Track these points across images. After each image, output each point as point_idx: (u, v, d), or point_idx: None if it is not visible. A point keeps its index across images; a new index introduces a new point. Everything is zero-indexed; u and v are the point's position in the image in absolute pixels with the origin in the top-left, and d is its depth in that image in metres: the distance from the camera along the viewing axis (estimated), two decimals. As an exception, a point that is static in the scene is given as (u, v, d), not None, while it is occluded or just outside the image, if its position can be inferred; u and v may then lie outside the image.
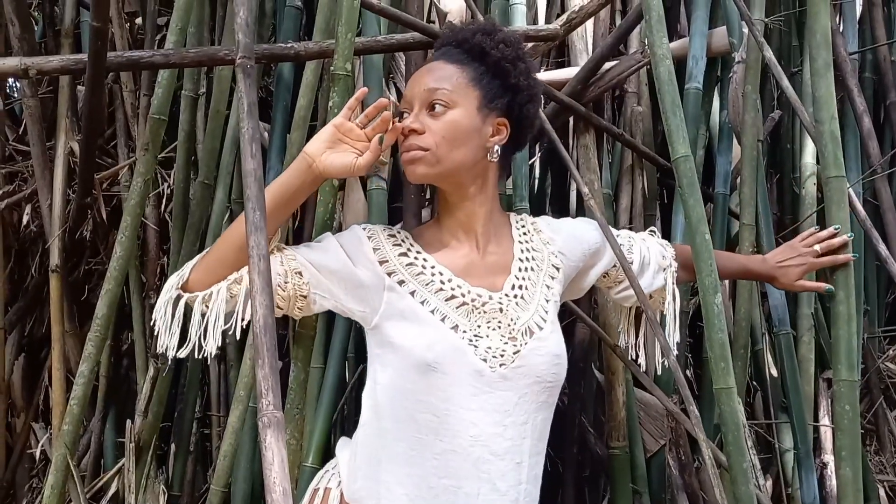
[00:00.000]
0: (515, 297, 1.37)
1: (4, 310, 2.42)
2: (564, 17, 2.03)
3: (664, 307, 1.68)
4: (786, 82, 1.85)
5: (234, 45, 2.03)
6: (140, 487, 2.02)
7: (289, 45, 1.87)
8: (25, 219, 2.43)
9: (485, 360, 1.29)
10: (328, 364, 1.71)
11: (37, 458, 2.43)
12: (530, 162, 2.23)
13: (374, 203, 1.80)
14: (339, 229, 1.96)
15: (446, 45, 1.43)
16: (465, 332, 1.31)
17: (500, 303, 1.35)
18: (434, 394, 1.28)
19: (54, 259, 2.23)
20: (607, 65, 2.12)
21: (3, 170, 2.38)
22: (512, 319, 1.34)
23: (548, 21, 2.36)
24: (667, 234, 2.21)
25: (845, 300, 1.62)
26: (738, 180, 2.18)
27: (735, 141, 2.20)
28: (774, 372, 2.22)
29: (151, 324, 1.40)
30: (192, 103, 2.17)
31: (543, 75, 2.22)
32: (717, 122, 2.37)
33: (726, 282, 2.27)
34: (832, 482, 2.18)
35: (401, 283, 1.33)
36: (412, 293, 1.33)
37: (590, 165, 2.10)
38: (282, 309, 1.37)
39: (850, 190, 1.74)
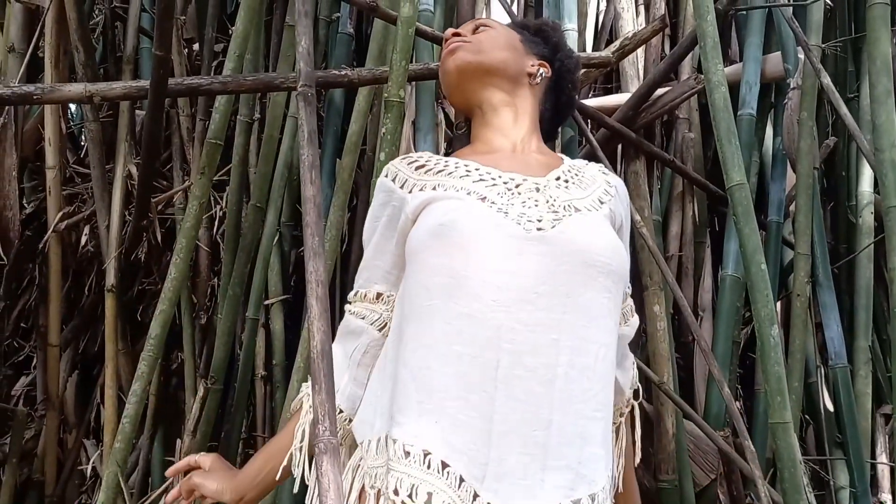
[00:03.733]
0: (558, 184, 1.23)
1: (60, 327, 2.48)
2: (617, 43, 2.03)
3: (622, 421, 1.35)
4: (844, 109, 1.82)
5: (289, 72, 2.08)
6: (187, 506, 2.04)
7: (343, 71, 1.90)
8: (83, 239, 2.50)
9: (518, 224, 1.13)
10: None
11: (87, 474, 2.47)
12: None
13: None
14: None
15: None
16: (493, 203, 1.15)
17: (538, 183, 1.21)
18: (449, 253, 1.11)
19: (110, 279, 2.28)
20: (659, 91, 2.11)
21: (63, 191, 2.45)
22: (552, 196, 1.19)
23: (596, 47, 2.37)
24: (718, 262, 2.18)
25: (907, 334, 1.57)
26: (792, 208, 2.14)
27: (788, 167, 2.16)
28: (830, 406, 2.16)
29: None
30: (247, 128, 2.21)
31: (594, 101, 2.21)
32: (769, 148, 2.33)
33: (779, 311, 2.22)
34: (891, 522, 2.10)
35: (421, 189, 1.21)
36: (434, 188, 1.20)
37: (640, 192, 2.08)
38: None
39: (912, 220, 1.69)
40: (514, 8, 2.27)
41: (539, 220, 1.14)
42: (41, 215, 2.56)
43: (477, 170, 1.22)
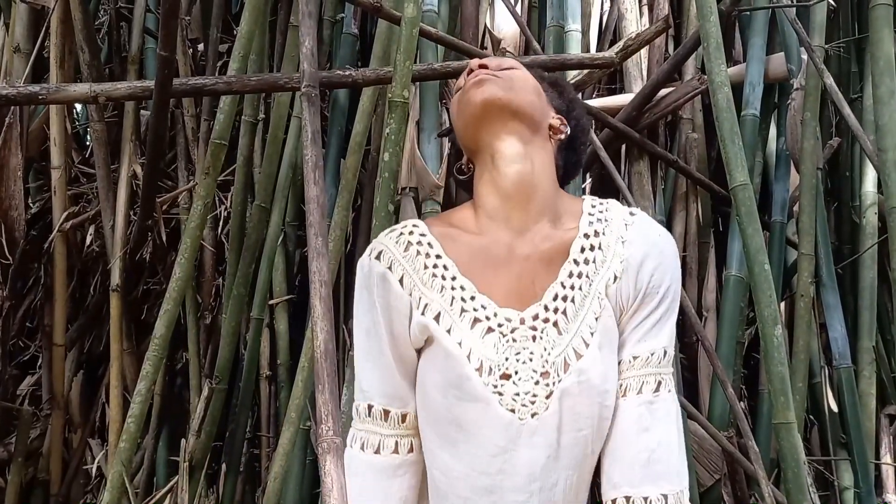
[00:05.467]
0: (557, 310, 1.12)
1: (65, 327, 2.49)
2: (620, 44, 2.03)
3: None
4: (847, 110, 1.82)
5: (293, 72, 2.08)
6: (192, 506, 2.05)
7: (347, 72, 1.90)
8: (88, 239, 2.51)
9: (512, 411, 1.10)
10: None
11: (92, 473, 2.48)
12: (582, 187, 2.23)
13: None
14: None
15: None
16: (489, 371, 1.10)
17: (534, 328, 1.12)
18: (448, 449, 1.12)
19: (115, 279, 2.29)
20: (662, 91, 2.12)
21: (68, 191, 2.46)
22: (545, 349, 1.11)
23: (600, 47, 2.37)
24: (722, 262, 2.18)
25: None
26: (795, 208, 2.14)
27: (792, 168, 2.16)
28: (834, 406, 2.16)
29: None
30: (252, 128, 2.22)
31: (597, 102, 2.22)
32: (773, 148, 2.33)
33: (783, 312, 2.22)
34: (896, 523, 2.10)
35: (426, 306, 1.14)
36: (437, 317, 1.13)
37: (643, 192, 2.08)
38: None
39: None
40: (518, 8, 2.27)
41: (532, 402, 1.10)
42: (46, 215, 2.57)
43: (473, 298, 1.13)
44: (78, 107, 2.84)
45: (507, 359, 1.11)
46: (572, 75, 2.11)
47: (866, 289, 2.28)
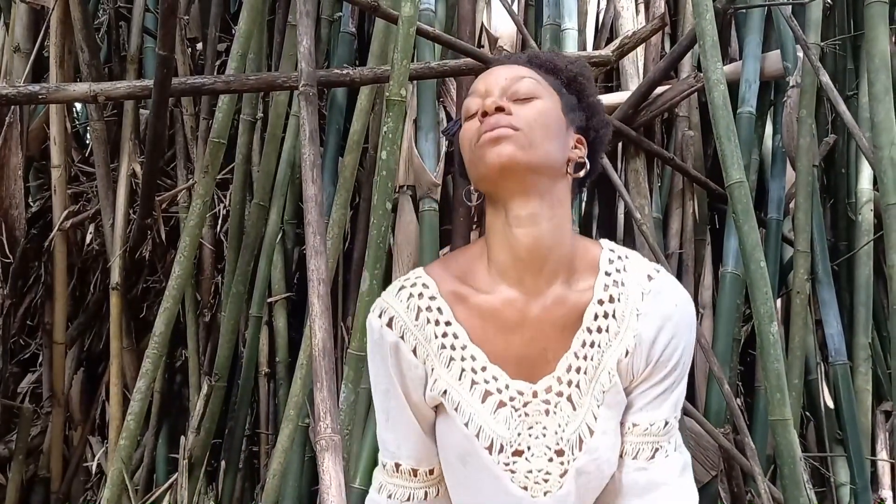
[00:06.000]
0: (570, 383, 1.08)
1: (66, 325, 2.50)
2: (617, 42, 2.04)
3: None
4: (843, 107, 1.83)
5: (291, 71, 2.09)
6: (192, 503, 2.06)
7: (345, 71, 1.91)
8: (88, 237, 2.52)
9: (525, 488, 1.08)
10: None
11: (92, 470, 2.49)
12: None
13: (427, 224, 1.82)
14: (390, 252, 1.99)
15: (511, 58, 1.21)
16: (500, 449, 1.07)
17: (547, 401, 1.08)
18: (467, 500, 1.11)
19: (115, 277, 2.30)
20: (659, 89, 2.12)
21: (68, 190, 2.47)
22: (559, 425, 1.08)
23: (597, 46, 2.37)
24: (718, 260, 2.19)
25: (906, 330, 1.58)
26: (791, 205, 2.15)
27: (788, 165, 2.17)
28: (830, 403, 2.17)
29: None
30: (250, 127, 2.23)
31: (594, 100, 2.22)
32: (769, 146, 2.34)
33: (779, 308, 2.23)
34: (891, 518, 2.11)
35: (435, 381, 1.10)
36: (444, 393, 1.09)
37: (640, 190, 2.09)
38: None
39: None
40: (515, 7, 2.28)
41: (546, 480, 1.08)
42: (46, 214, 2.58)
43: (484, 370, 1.09)
44: (78, 106, 2.85)
45: (519, 434, 1.08)
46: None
47: (862, 285, 2.29)
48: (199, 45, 2.69)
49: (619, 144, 2.22)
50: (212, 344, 2.31)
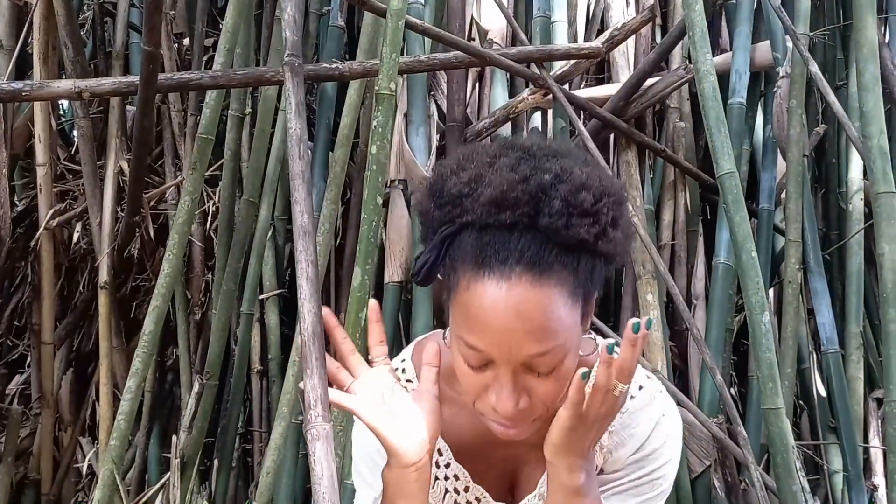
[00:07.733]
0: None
1: (54, 325, 2.47)
2: (607, 34, 2.03)
3: None
4: (832, 97, 1.83)
5: (279, 65, 2.07)
6: (184, 503, 2.05)
7: (334, 65, 1.90)
8: (75, 236, 2.50)
9: None
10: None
11: (83, 472, 2.47)
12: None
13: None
14: (381, 247, 1.98)
15: (514, 238, 0.86)
16: None
17: None
18: None
19: (103, 276, 2.28)
20: (649, 81, 2.12)
21: (54, 188, 2.44)
22: None
23: (587, 38, 2.37)
24: (710, 250, 2.19)
25: (897, 318, 1.59)
26: (782, 196, 2.15)
27: (779, 155, 2.18)
28: (823, 391, 2.17)
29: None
30: (239, 123, 2.21)
31: (585, 92, 2.22)
32: (760, 136, 2.34)
33: (771, 298, 2.23)
34: (883, 506, 2.13)
35: None
36: None
37: (632, 181, 2.09)
38: None
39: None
40: (505, 0, 2.26)
41: None
42: (32, 213, 2.55)
43: (466, 490, 1.04)
44: (63, 103, 2.81)
45: None
46: (559, 66, 2.11)
47: (853, 274, 2.29)
48: (186, 41, 2.66)
49: (611, 136, 2.22)
50: (203, 342, 2.29)
